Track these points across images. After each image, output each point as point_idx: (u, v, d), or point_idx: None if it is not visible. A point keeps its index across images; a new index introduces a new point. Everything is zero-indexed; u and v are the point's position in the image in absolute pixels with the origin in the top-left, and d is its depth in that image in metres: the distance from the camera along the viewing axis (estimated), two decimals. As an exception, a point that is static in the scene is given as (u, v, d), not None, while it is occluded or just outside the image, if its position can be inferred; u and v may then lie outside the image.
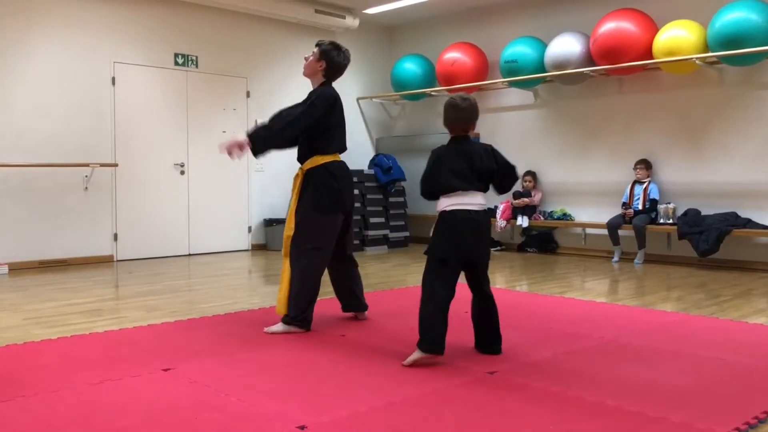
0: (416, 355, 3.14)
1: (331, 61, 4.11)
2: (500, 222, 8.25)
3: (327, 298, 5.00)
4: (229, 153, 3.76)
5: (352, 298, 4.19)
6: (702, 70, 6.90)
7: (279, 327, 3.82)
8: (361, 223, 8.55)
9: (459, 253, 3.24)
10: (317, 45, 4.14)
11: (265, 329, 3.84)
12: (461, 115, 3.31)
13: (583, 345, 3.59)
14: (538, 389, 2.82)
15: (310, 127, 3.92)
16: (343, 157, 4.12)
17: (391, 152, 9.30)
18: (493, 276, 6.39)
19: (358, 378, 2.99)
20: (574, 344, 3.60)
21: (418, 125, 9.63)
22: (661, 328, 4.02)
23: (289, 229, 3.85)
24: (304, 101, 4.01)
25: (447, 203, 3.29)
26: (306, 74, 4.21)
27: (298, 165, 4.02)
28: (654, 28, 6.94)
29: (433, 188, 3.32)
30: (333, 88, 4.15)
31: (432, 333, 3.12)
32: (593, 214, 7.87)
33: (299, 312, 3.79)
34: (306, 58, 4.17)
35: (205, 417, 2.49)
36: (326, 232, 3.86)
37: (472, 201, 3.29)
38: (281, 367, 3.18)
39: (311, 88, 4.10)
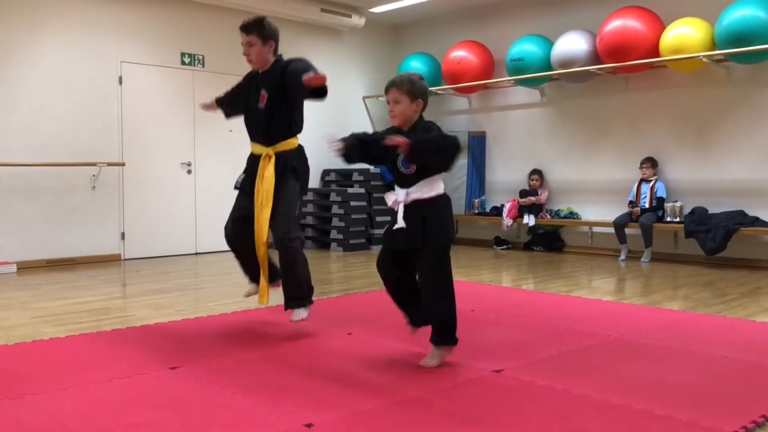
0: (446, 353, 3.09)
1: (275, 35, 3.81)
2: (507, 220, 8.24)
3: (333, 297, 5.01)
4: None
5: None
6: (709, 68, 6.87)
7: (305, 312, 3.68)
8: (367, 221, 8.55)
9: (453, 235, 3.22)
10: (249, 30, 3.74)
11: (292, 319, 3.69)
12: None
13: (589, 343, 3.58)
14: (544, 387, 2.82)
15: (296, 98, 3.67)
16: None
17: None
18: (499, 275, 6.40)
19: (364, 376, 2.99)
20: (580, 342, 3.59)
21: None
22: (667, 326, 4.01)
23: (265, 220, 3.61)
24: (289, 67, 3.65)
25: (441, 185, 3.12)
26: (258, 66, 3.80)
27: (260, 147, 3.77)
28: (661, 26, 6.91)
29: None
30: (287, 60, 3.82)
31: (456, 326, 3.10)
32: (600, 213, 7.85)
33: (311, 290, 3.78)
34: (246, 52, 3.76)
35: (212, 415, 2.50)
36: (300, 202, 3.82)
37: None
38: (288, 365, 3.18)
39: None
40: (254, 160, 3.80)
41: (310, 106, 4.05)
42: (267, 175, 3.64)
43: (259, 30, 3.70)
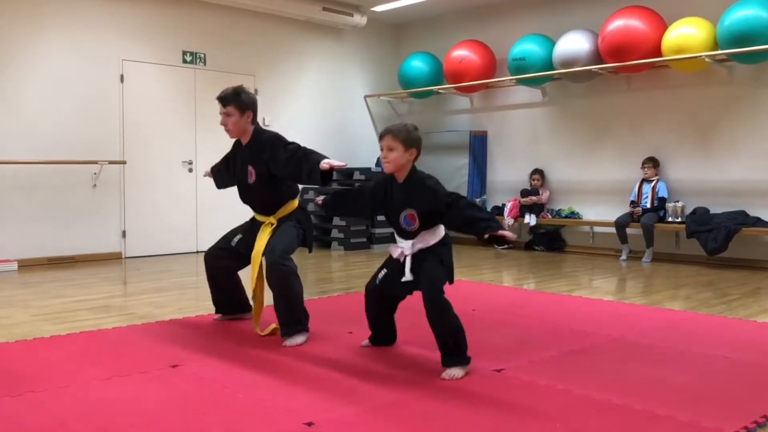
0: (463, 371, 2.98)
1: (254, 105, 3.77)
2: (508, 220, 8.24)
3: (333, 296, 5.01)
4: None
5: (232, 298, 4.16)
6: (711, 68, 6.86)
7: (301, 337, 3.58)
8: (368, 221, 8.55)
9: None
10: (226, 102, 3.70)
11: (286, 344, 3.53)
12: None
13: (590, 343, 3.58)
14: (545, 387, 2.81)
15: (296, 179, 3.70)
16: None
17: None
18: (500, 274, 6.40)
19: (365, 375, 2.99)
20: (581, 342, 3.59)
21: (426, 123, 9.61)
22: (668, 326, 4.00)
23: (260, 277, 3.67)
24: (287, 149, 3.64)
25: (442, 228, 3.19)
26: (235, 135, 3.81)
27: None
28: (663, 26, 6.91)
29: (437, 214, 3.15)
30: (265, 130, 3.87)
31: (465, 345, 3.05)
32: (601, 213, 7.85)
33: (306, 316, 3.68)
34: (224, 122, 3.74)
35: (213, 413, 2.50)
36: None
37: None
38: (289, 363, 3.19)
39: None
40: (255, 222, 3.88)
41: (311, 106, 4.04)
42: (264, 237, 3.68)
43: (236, 101, 3.69)
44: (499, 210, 8.59)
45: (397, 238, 3.22)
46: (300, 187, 3.94)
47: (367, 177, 8.63)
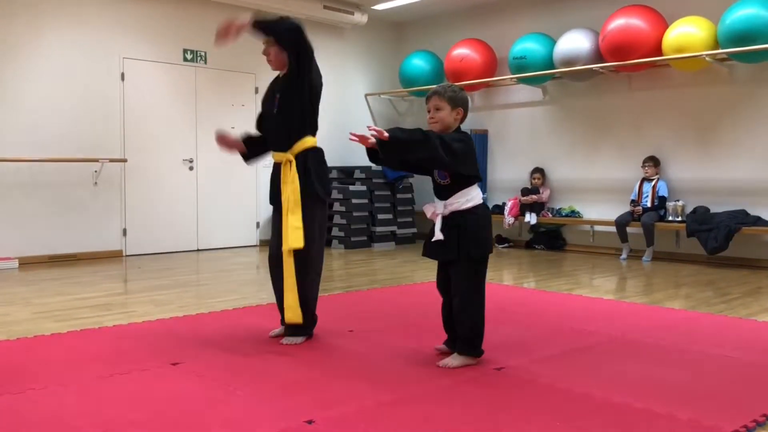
0: (469, 360, 3.05)
1: (304, 37, 3.62)
2: (508, 219, 8.24)
3: (334, 294, 5.01)
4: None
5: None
6: (712, 67, 6.86)
7: (299, 339, 3.53)
8: (368, 219, 8.56)
9: (492, 246, 3.17)
10: (268, 34, 3.69)
11: (284, 341, 3.51)
12: None
13: (590, 342, 3.58)
14: (546, 385, 2.82)
15: (312, 95, 3.59)
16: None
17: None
18: (501, 273, 6.40)
19: (365, 373, 2.99)
20: (581, 341, 3.59)
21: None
22: (669, 325, 4.01)
23: (297, 220, 3.42)
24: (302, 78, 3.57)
25: (479, 195, 3.11)
26: (277, 67, 3.74)
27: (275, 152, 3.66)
28: (663, 25, 6.90)
29: (465, 172, 3.05)
30: None
31: (481, 338, 3.07)
32: (601, 212, 7.85)
33: (314, 316, 3.63)
34: (266, 51, 3.74)
35: (213, 411, 2.51)
36: (325, 221, 3.69)
37: None
38: (289, 361, 3.19)
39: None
40: (276, 169, 3.69)
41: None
42: (290, 181, 3.51)
43: (277, 33, 3.70)
44: (499, 209, 8.60)
45: (435, 199, 3.15)
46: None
47: (368, 176, 8.63)
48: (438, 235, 3.05)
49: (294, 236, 3.41)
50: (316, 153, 3.63)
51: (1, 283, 5.60)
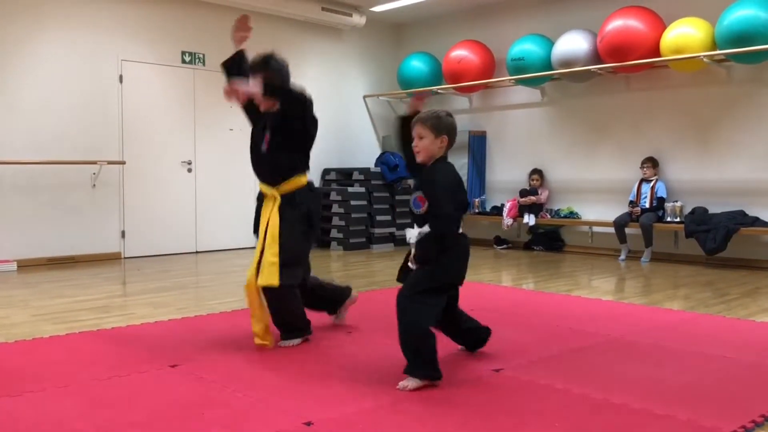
0: (419, 383, 2.81)
1: (282, 71, 3.66)
2: (507, 220, 8.24)
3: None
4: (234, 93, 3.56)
5: (327, 303, 3.93)
6: (710, 68, 6.87)
7: (297, 340, 3.56)
8: (367, 221, 8.56)
9: (463, 278, 3.07)
10: (257, 69, 3.61)
11: (281, 343, 3.53)
12: None
13: (589, 343, 3.59)
14: (544, 387, 2.82)
15: (306, 134, 3.62)
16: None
17: (397, 150, 9.29)
18: (499, 274, 6.40)
19: (364, 375, 2.99)
20: (580, 342, 3.60)
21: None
22: (667, 326, 4.01)
23: (273, 255, 3.40)
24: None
25: (459, 225, 3.06)
26: (267, 107, 3.62)
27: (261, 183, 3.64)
28: (661, 26, 6.91)
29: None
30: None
31: (436, 359, 2.86)
32: (600, 213, 7.85)
33: (307, 324, 3.63)
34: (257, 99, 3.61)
35: (212, 413, 2.51)
36: (308, 250, 3.67)
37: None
38: (288, 363, 3.19)
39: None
40: (261, 200, 3.68)
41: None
42: (271, 216, 3.51)
43: (268, 67, 3.62)
44: (498, 210, 8.60)
45: (414, 226, 3.07)
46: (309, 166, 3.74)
47: (366, 177, 8.63)
48: (412, 265, 2.97)
49: (269, 271, 3.39)
50: (307, 192, 3.61)
51: (0, 285, 5.60)
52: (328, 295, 3.91)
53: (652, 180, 7.23)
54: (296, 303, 3.55)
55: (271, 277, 3.39)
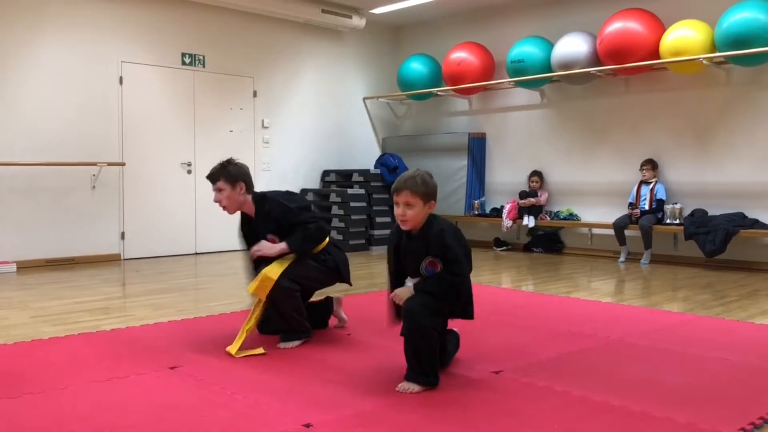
0: (419, 389, 2.81)
1: (244, 175, 3.65)
2: (506, 222, 8.24)
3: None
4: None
5: (316, 320, 3.91)
6: (709, 71, 6.88)
7: (297, 341, 3.57)
8: (366, 222, 8.56)
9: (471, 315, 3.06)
10: (215, 178, 3.61)
11: (280, 345, 3.54)
12: None
13: (588, 345, 3.59)
14: (543, 388, 2.82)
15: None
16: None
17: (397, 152, 9.31)
18: (499, 276, 6.40)
19: (363, 377, 2.99)
20: (579, 344, 3.60)
21: (425, 125, 9.63)
22: (667, 328, 4.01)
23: (274, 273, 3.44)
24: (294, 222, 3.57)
25: None
26: (233, 211, 3.70)
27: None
28: (661, 28, 6.92)
29: None
30: (268, 195, 3.74)
31: (436, 366, 2.87)
32: (599, 215, 7.86)
33: (306, 329, 3.63)
34: (217, 199, 3.64)
35: (211, 415, 2.51)
36: (316, 287, 3.77)
37: None
38: (287, 365, 3.19)
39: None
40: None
41: (309, 108, 3.98)
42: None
43: (224, 174, 3.59)
44: (497, 212, 8.60)
45: (409, 278, 3.03)
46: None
47: (366, 179, 8.63)
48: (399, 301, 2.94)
49: (273, 269, 3.44)
50: (335, 249, 3.71)
51: (-1, 287, 5.61)
52: (317, 313, 3.90)
53: (651, 182, 7.23)
54: (297, 303, 3.56)
55: (263, 290, 3.44)
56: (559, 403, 2.64)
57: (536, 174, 8.34)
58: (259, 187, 9.23)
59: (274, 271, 3.45)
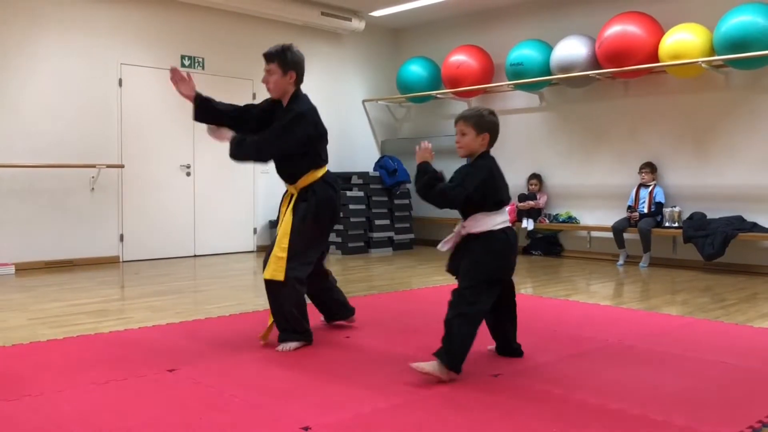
0: (437, 369, 2.91)
1: (297, 66, 3.65)
2: (505, 224, 8.23)
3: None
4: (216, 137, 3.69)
5: (338, 307, 3.98)
6: (708, 74, 6.89)
7: (294, 344, 3.54)
8: (366, 225, 8.56)
9: (510, 272, 3.19)
10: (270, 59, 3.62)
11: (279, 348, 3.51)
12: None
13: (587, 348, 3.59)
14: (542, 392, 2.82)
15: (299, 147, 3.57)
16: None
17: (396, 154, 9.32)
18: (497, 279, 6.39)
19: (361, 379, 2.99)
20: (578, 347, 3.60)
21: (424, 127, 9.63)
22: (665, 331, 4.01)
23: (282, 251, 3.47)
24: (284, 121, 3.58)
25: (497, 221, 3.10)
26: (276, 96, 3.71)
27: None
28: (660, 32, 6.93)
29: (473, 200, 3.09)
30: (307, 98, 3.74)
31: (463, 354, 2.95)
32: (598, 218, 7.86)
33: (305, 332, 3.61)
34: (265, 80, 3.67)
35: (210, 417, 2.50)
36: (319, 244, 3.68)
37: (507, 217, 3.18)
38: (285, 368, 3.19)
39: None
40: (283, 195, 3.80)
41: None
42: (286, 213, 3.58)
43: (280, 58, 3.59)
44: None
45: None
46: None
47: (365, 181, 8.63)
48: (442, 246, 3.21)
49: (275, 266, 3.45)
50: (321, 183, 3.62)
51: (-2, 289, 5.60)
52: (335, 304, 3.96)
53: (650, 185, 7.24)
54: (297, 304, 3.54)
55: (277, 272, 3.45)
56: (557, 407, 2.64)
57: (535, 177, 8.35)
58: (260, 190, 9.22)
59: (281, 247, 3.47)
